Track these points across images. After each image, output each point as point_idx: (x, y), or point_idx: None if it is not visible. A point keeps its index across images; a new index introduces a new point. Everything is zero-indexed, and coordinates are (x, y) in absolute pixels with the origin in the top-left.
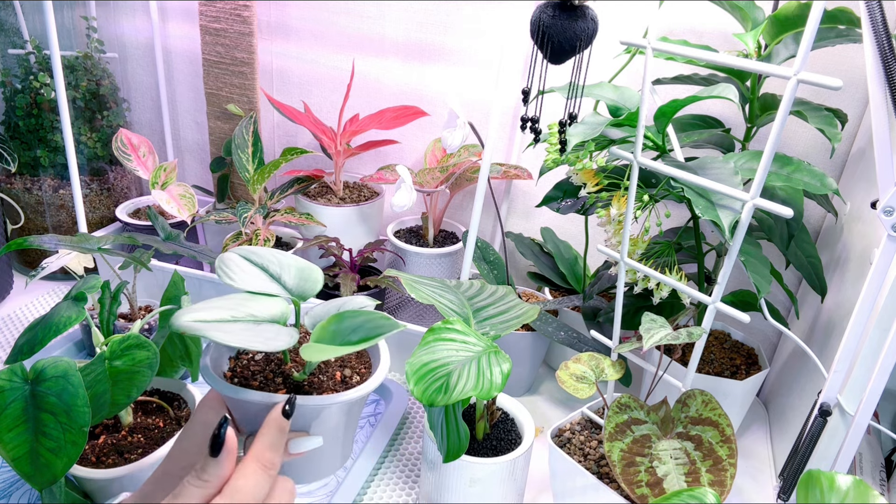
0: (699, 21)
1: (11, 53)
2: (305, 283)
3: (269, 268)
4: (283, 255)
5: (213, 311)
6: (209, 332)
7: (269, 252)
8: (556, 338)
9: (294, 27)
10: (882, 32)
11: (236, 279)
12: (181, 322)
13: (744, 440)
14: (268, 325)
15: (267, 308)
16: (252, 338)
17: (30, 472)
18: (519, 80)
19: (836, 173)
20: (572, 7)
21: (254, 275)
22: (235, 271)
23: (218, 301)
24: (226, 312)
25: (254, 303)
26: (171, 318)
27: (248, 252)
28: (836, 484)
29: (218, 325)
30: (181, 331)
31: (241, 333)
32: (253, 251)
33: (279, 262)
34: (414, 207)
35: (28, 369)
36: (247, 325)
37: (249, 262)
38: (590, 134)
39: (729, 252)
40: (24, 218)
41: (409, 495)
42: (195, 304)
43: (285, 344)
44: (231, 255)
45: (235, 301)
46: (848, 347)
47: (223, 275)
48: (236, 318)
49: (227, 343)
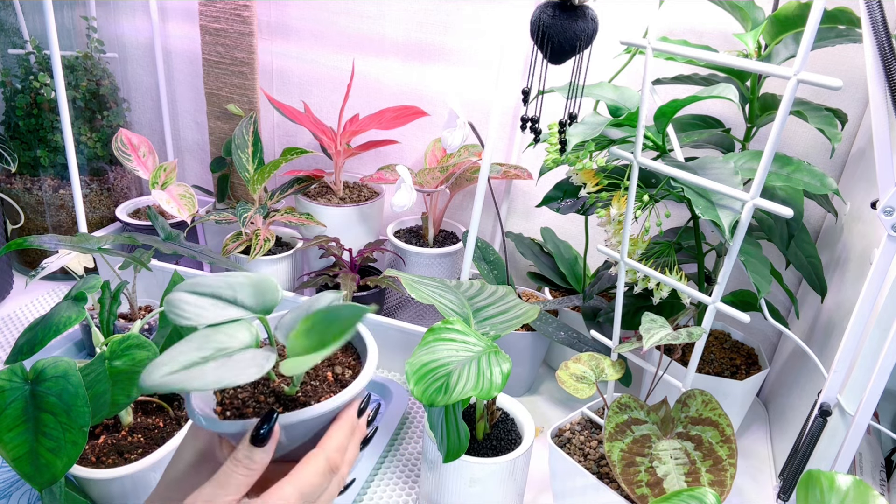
0: (699, 21)
1: (11, 53)
2: (264, 296)
3: (220, 294)
4: (232, 276)
5: (179, 357)
6: (184, 383)
7: (215, 278)
8: (556, 338)
9: (294, 27)
10: (882, 32)
11: (190, 316)
12: (153, 382)
13: (744, 440)
14: (240, 353)
15: (234, 335)
16: (228, 373)
17: (30, 472)
18: (519, 80)
19: (836, 173)
20: (572, 7)
21: (206, 306)
22: (186, 308)
23: (181, 345)
24: (194, 354)
25: (219, 334)
26: (141, 380)
27: (193, 285)
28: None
29: (189, 373)
30: (154, 391)
31: (216, 372)
32: (198, 283)
33: (229, 285)
34: (414, 207)
35: (28, 369)
36: (220, 362)
37: (197, 294)
38: (590, 134)
39: (729, 252)
40: (24, 218)
41: (409, 495)
42: (160, 357)
43: (264, 369)
44: (176, 294)
45: (200, 338)
46: (848, 347)
47: (174, 317)
48: (206, 358)
49: (205, 388)
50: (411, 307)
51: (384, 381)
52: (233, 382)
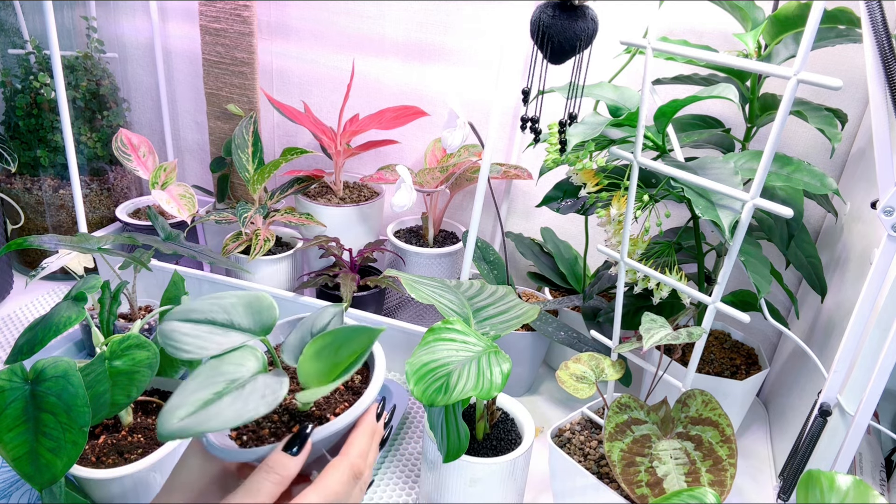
0: (699, 21)
1: (11, 53)
2: (260, 315)
3: (215, 318)
4: (223, 298)
5: (192, 398)
6: (202, 426)
7: (207, 302)
8: (556, 338)
9: (294, 27)
10: (882, 32)
11: (189, 347)
12: (171, 429)
13: (744, 440)
14: (251, 382)
15: (241, 363)
16: (244, 408)
17: (30, 472)
18: (519, 80)
19: (836, 173)
20: (572, 7)
21: (203, 335)
22: (183, 340)
23: (190, 383)
24: (206, 392)
25: (226, 365)
26: (158, 428)
27: (184, 313)
28: (836, 484)
29: (206, 412)
30: (174, 438)
31: (232, 408)
32: (190, 309)
33: (222, 308)
34: (414, 207)
35: (28, 369)
36: (234, 395)
37: (192, 322)
38: (590, 134)
39: (729, 252)
40: (24, 218)
41: (409, 495)
42: (171, 400)
43: (279, 397)
44: (169, 324)
45: (207, 372)
46: (848, 347)
47: (174, 350)
48: (219, 394)
49: (224, 428)
50: (411, 307)
51: (384, 380)
52: (252, 417)
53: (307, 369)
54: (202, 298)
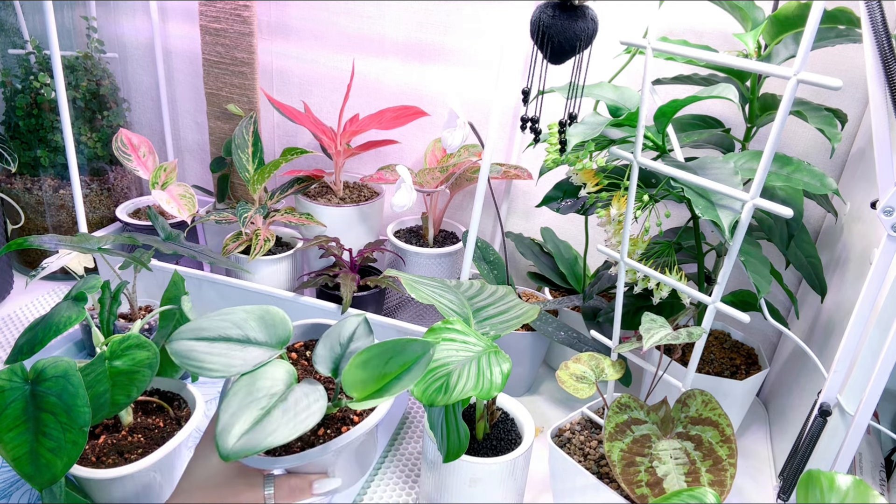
0: (699, 21)
1: (11, 53)
2: (274, 328)
3: (230, 335)
4: (230, 314)
5: (241, 415)
6: (265, 441)
7: (215, 320)
8: (556, 338)
9: (294, 27)
10: (882, 32)
11: (215, 366)
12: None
13: (744, 440)
14: (291, 394)
15: (275, 377)
16: (297, 420)
17: (30, 471)
18: (519, 80)
19: (836, 173)
20: (572, 7)
21: (223, 352)
22: (206, 359)
23: (231, 402)
24: (253, 410)
25: (260, 381)
26: (220, 450)
27: (195, 331)
28: (836, 484)
29: (263, 429)
30: (238, 457)
31: (285, 422)
32: (200, 328)
33: (234, 324)
34: (414, 207)
35: (28, 369)
36: (281, 409)
37: (206, 340)
38: (590, 134)
39: (729, 252)
40: (25, 218)
41: (409, 495)
42: (221, 421)
43: (324, 405)
44: (181, 344)
45: (244, 389)
46: (848, 347)
47: (198, 370)
48: (266, 409)
49: (286, 441)
50: (411, 307)
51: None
52: (306, 429)
53: (352, 378)
54: (208, 316)
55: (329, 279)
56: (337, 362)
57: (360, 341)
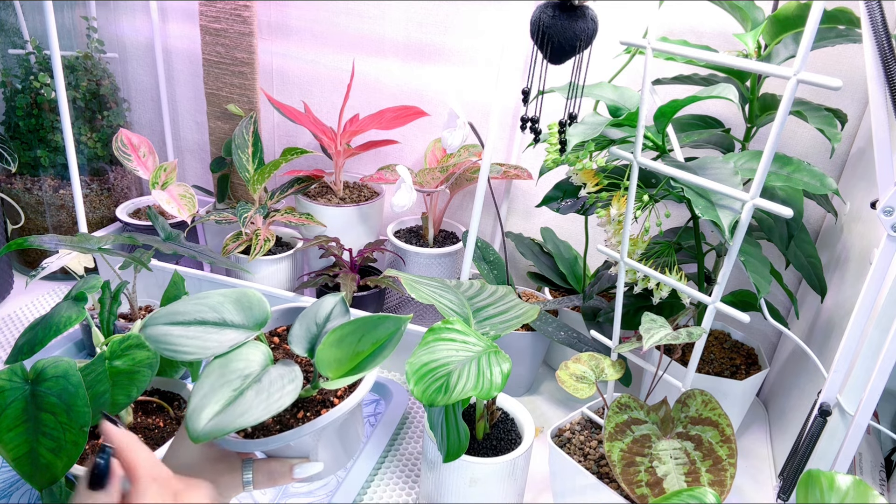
0: (699, 21)
1: (11, 53)
2: (251, 311)
3: (205, 318)
4: (207, 297)
5: (213, 396)
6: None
7: (190, 304)
8: (556, 338)
9: (294, 27)
10: (882, 32)
11: (190, 349)
12: (205, 429)
13: (744, 440)
14: (265, 374)
15: (249, 358)
16: (270, 399)
17: (30, 472)
18: (519, 80)
19: (836, 173)
20: (572, 7)
21: (199, 335)
22: (180, 342)
23: (204, 383)
24: (228, 391)
25: (234, 362)
26: (189, 432)
27: (170, 316)
28: (835, 484)
29: (235, 409)
30: (208, 438)
31: (258, 402)
32: (174, 312)
33: (209, 306)
34: (414, 207)
35: (28, 369)
36: (254, 390)
37: (181, 324)
38: (590, 134)
39: (729, 252)
40: (25, 218)
41: (409, 495)
42: (192, 403)
43: (299, 384)
44: (156, 329)
45: (217, 370)
46: (848, 347)
47: (172, 353)
48: (239, 389)
49: (258, 421)
50: (411, 307)
51: (384, 380)
52: (280, 408)
53: (326, 357)
54: (183, 300)
55: (329, 279)
56: (313, 342)
57: (337, 320)
